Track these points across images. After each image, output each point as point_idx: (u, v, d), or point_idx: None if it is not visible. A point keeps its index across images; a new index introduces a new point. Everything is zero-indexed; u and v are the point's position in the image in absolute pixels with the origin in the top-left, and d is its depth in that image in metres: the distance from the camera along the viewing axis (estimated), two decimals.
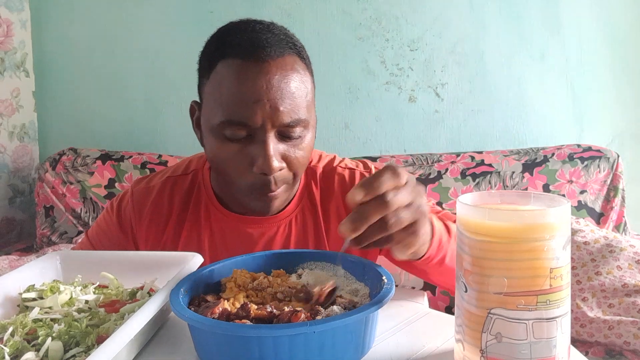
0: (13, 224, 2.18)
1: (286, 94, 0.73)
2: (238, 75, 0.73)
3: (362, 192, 0.55)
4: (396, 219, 0.55)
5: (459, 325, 0.51)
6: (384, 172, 0.56)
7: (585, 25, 2.11)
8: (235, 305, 0.57)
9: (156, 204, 0.91)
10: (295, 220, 0.89)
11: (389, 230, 0.56)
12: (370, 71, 2.16)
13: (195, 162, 0.95)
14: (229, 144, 0.75)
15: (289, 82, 0.74)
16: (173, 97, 2.17)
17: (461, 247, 0.50)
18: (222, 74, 0.74)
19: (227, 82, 0.73)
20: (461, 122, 2.18)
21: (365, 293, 0.61)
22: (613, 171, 1.93)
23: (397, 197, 0.55)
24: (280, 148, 0.75)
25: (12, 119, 2.15)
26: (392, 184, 0.55)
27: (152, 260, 0.71)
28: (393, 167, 0.56)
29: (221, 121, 0.74)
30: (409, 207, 0.57)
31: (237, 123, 0.73)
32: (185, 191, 0.91)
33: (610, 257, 1.61)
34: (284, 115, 0.73)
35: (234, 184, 0.79)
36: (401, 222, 0.56)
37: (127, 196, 0.94)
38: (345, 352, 0.52)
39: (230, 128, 0.74)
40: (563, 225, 0.47)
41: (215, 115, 0.75)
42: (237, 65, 0.73)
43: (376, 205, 0.55)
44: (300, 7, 2.11)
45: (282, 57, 0.74)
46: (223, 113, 0.73)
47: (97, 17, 2.19)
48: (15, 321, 0.56)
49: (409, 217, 0.57)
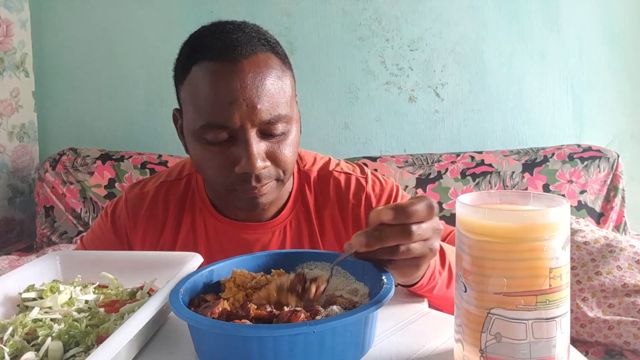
0: (13, 224, 2.18)
1: (262, 91, 0.73)
2: (211, 77, 0.72)
3: (391, 215, 0.54)
4: (407, 249, 0.56)
5: (458, 325, 0.51)
6: (420, 203, 0.55)
7: (585, 25, 2.11)
8: (235, 305, 0.57)
9: (151, 210, 0.90)
10: (290, 225, 0.89)
11: (395, 257, 0.56)
12: (370, 71, 2.16)
13: (189, 166, 0.94)
14: (211, 147, 0.75)
15: (264, 79, 0.73)
16: (173, 97, 2.16)
17: (461, 247, 0.50)
18: (196, 78, 0.74)
19: (201, 85, 0.73)
20: (461, 122, 2.18)
21: (364, 293, 0.61)
22: (613, 171, 1.93)
23: (420, 231, 0.55)
24: (263, 147, 0.75)
25: (12, 118, 2.15)
26: (423, 219, 0.56)
27: (152, 260, 0.71)
28: (430, 201, 0.56)
29: (201, 126, 0.73)
30: (425, 241, 0.57)
31: (216, 126, 0.72)
32: (179, 196, 0.90)
33: (610, 257, 1.61)
34: (263, 113, 0.72)
35: (219, 186, 0.78)
36: (411, 254, 0.56)
37: (121, 202, 0.93)
38: (345, 352, 0.52)
39: (210, 131, 0.73)
40: (563, 225, 0.47)
41: (194, 120, 0.74)
42: (210, 67, 0.73)
43: (400, 232, 0.55)
44: (300, 7, 2.11)
45: (255, 55, 0.74)
46: (201, 117, 0.73)
47: (97, 17, 2.19)
48: (15, 321, 0.56)
49: (419, 251, 0.57)
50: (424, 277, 0.68)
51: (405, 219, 0.55)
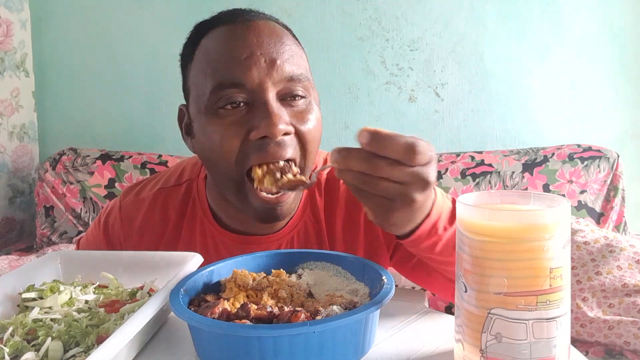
0: (13, 224, 2.18)
1: (281, 47, 0.66)
2: (224, 38, 0.66)
3: (365, 138, 0.49)
4: (374, 181, 0.50)
5: (458, 326, 0.51)
6: (402, 138, 0.49)
7: (586, 25, 2.11)
8: (235, 305, 0.57)
9: (147, 219, 0.82)
10: (298, 237, 0.80)
11: (360, 185, 0.51)
12: (370, 71, 2.16)
13: (189, 171, 0.86)
14: (223, 116, 0.65)
15: (282, 38, 0.67)
16: (173, 97, 2.17)
17: (461, 247, 0.50)
18: (206, 46, 0.68)
19: (213, 49, 0.66)
20: (461, 122, 2.18)
21: (365, 293, 0.61)
22: (613, 171, 1.93)
23: (388, 169, 0.49)
24: (284, 112, 0.65)
25: (12, 118, 2.15)
26: (399, 156, 0.49)
27: (152, 261, 0.71)
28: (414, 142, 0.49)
29: (212, 89, 0.65)
30: (398, 184, 0.51)
31: (230, 85, 0.64)
32: (178, 205, 0.82)
33: (610, 257, 1.61)
34: (284, 67, 0.65)
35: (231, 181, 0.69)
36: (375, 188, 0.51)
37: (114, 210, 0.85)
38: (345, 352, 0.52)
39: (223, 94, 0.65)
40: (563, 225, 0.47)
41: (204, 89, 0.66)
42: (222, 31, 0.67)
43: (363, 158, 0.49)
44: (300, 7, 2.11)
45: (270, 21, 0.69)
46: (214, 78, 0.65)
47: (97, 17, 2.19)
48: (15, 321, 0.56)
49: (387, 191, 0.51)
50: (421, 228, 0.59)
51: (377, 146, 0.49)
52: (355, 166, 0.50)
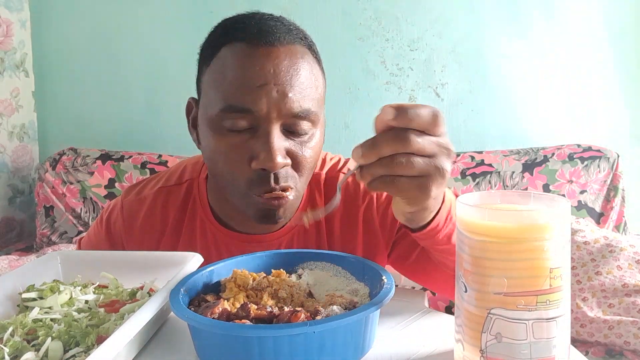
0: (13, 224, 2.18)
1: (296, 81, 0.67)
2: (242, 58, 0.67)
3: (393, 113, 0.49)
4: (407, 161, 0.49)
5: (458, 326, 0.51)
6: (425, 108, 0.50)
7: (586, 25, 2.11)
8: (235, 305, 0.57)
9: (148, 218, 0.83)
10: (297, 236, 0.82)
11: (394, 170, 0.50)
12: (370, 71, 2.16)
13: (190, 170, 0.87)
14: (228, 138, 0.68)
15: (299, 70, 0.68)
16: (173, 97, 2.17)
17: (461, 247, 0.50)
18: (224, 58, 0.68)
19: (230, 66, 0.67)
20: (461, 122, 2.18)
21: (365, 293, 0.61)
22: (613, 171, 1.93)
23: (421, 141, 0.49)
24: (285, 144, 0.68)
25: (11, 118, 2.15)
26: (425, 126, 0.50)
27: (152, 260, 0.71)
28: (437, 111, 0.50)
29: (221, 109, 0.67)
30: (429, 158, 0.51)
31: (239, 110, 0.66)
32: (179, 204, 0.83)
33: (610, 257, 1.61)
34: (293, 104, 0.66)
35: (232, 188, 0.71)
36: (411, 167, 0.50)
37: (116, 209, 0.87)
38: (345, 352, 0.52)
39: (230, 117, 0.67)
40: (563, 225, 0.47)
41: (214, 103, 0.68)
42: (243, 49, 0.67)
43: (394, 137, 0.49)
44: (300, 7, 2.11)
45: (292, 45, 0.69)
46: (224, 99, 0.67)
47: (97, 17, 2.19)
48: (15, 321, 0.56)
49: (422, 166, 0.50)
50: (439, 214, 0.60)
51: (404, 119, 0.49)
52: (386, 149, 0.49)
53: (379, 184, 0.52)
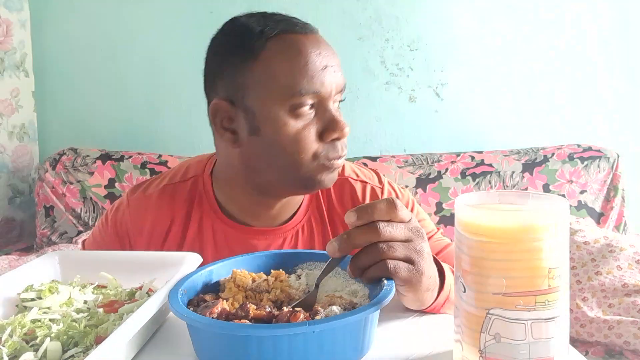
0: (13, 224, 2.18)
1: (336, 59, 0.76)
2: (301, 47, 0.72)
3: (354, 216, 0.55)
4: (388, 246, 0.55)
5: (457, 326, 0.51)
6: (381, 201, 0.56)
7: (586, 24, 2.11)
8: (234, 305, 0.57)
9: (155, 214, 0.86)
10: (302, 230, 0.86)
11: (381, 255, 0.55)
12: (370, 71, 2.16)
13: (194, 168, 0.90)
14: (299, 118, 0.73)
15: (334, 51, 0.77)
16: (173, 97, 2.17)
17: (460, 247, 0.50)
18: (278, 50, 0.72)
19: (290, 55, 0.72)
20: (461, 122, 2.18)
21: (364, 294, 0.60)
22: (613, 171, 1.93)
23: (390, 229, 0.55)
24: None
25: (11, 118, 2.15)
26: (386, 215, 0.55)
27: (151, 261, 0.71)
28: (391, 199, 0.56)
29: (293, 93, 0.72)
30: (405, 243, 0.56)
31: (309, 92, 0.72)
32: (185, 199, 0.86)
33: (610, 257, 1.61)
34: (342, 80, 0.76)
35: (296, 164, 0.74)
36: (393, 251, 0.55)
37: (122, 206, 0.89)
38: (344, 353, 0.52)
39: (300, 100, 0.72)
40: (561, 225, 0.47)
41: (280, 91, 0.72)
42: (296, 39, 0.73)
43: (366, 229, 0.55)
44: (300, 7, 2.11)
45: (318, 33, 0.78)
46: (292, 85, 0.71)
47: (97, 17, 2.19)
48: (14, 321, 0.56)
49: (403, 252, 0.56)
50: (439, 297, 0.64)
51: (368, 215, 0.55)
52: (360, 239, 0.55)
53: (374, 271, 0.56)
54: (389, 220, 0.56)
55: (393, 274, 0.56)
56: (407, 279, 0.57)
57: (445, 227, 1.93)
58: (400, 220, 0.56)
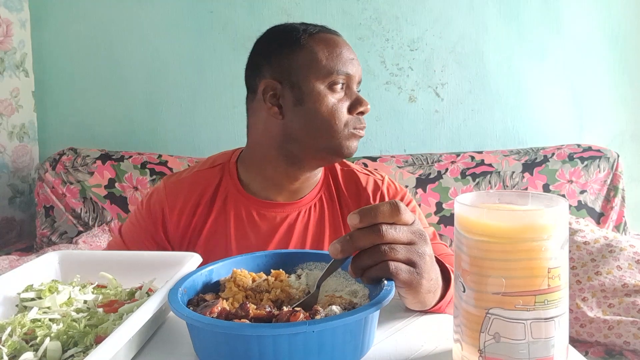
0: (13, 224, 2.18)
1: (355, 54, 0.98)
2: (334, 42, 0.95)
3: (357, 217, 0.56)
4: (390, 248, 0.56)
5: (457, 326, 0.51)
6: (384, 204, 0.57)
7: (585, 25, 2.11)
8: (234, 305, 0.57)
9: (187, 193, 1.00)
10: (315, 207, 1.00)
11: (383, 257, 0.56)
12: (370, 71, 2.16)
13: (221, 157, 1.06)
14: (335, 93, 0.92)
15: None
16: (173, 97, 2.17)
17: (459, 247, 0.50)
18: (319, 41, 0.93)
19: (328, 47, 0.93)
20: (461, 122, 2.18)
21: (364, 294, 0.60)
22: (613, 171, 1.93)
23: (393, 231, 0.56)
24: None
25: (11, 118, 2.15)
26: (389, 218, 0.56)
27: (151, 260, 0.71)
28: (395, 202, 0.57)
29: (335, 73, 0.91)
30: (407, 246, 0.57)
31: (344, 74, 0.92)
32: (213, 181, 1.01)
33: (610, 257, 1.61)
34: (361, 71, 0.98)
35: (331, 130, 0.91)
36: (395, 253, 0.56)
37: (158, 189, 1.03)
38: (344, 353, 0.52)
39: (337, 80, 0.91)
40: (561, 225, 0.47)
41: (324, 72, 0.91)
42: (328, 38, 0.95)
43: (369, 231, 0.56)
44: (300, 7, 2.11)
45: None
46: (332, 68, 0.91)
47: (97, 17, 2.19)
48: (14, 321, 0.56)
49: (405, 254, 0.57)
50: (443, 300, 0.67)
51: (371, 218, 0.56)
52: (363, 241, 0.56)
53: (375, 271, 0.57)
54: (392, 223, 0.57)
55: (394, 275, 0.56)
56: (407, 281, 0.57)
57: (445, 227, 1.93)
58: (403, 223, 0.58)
